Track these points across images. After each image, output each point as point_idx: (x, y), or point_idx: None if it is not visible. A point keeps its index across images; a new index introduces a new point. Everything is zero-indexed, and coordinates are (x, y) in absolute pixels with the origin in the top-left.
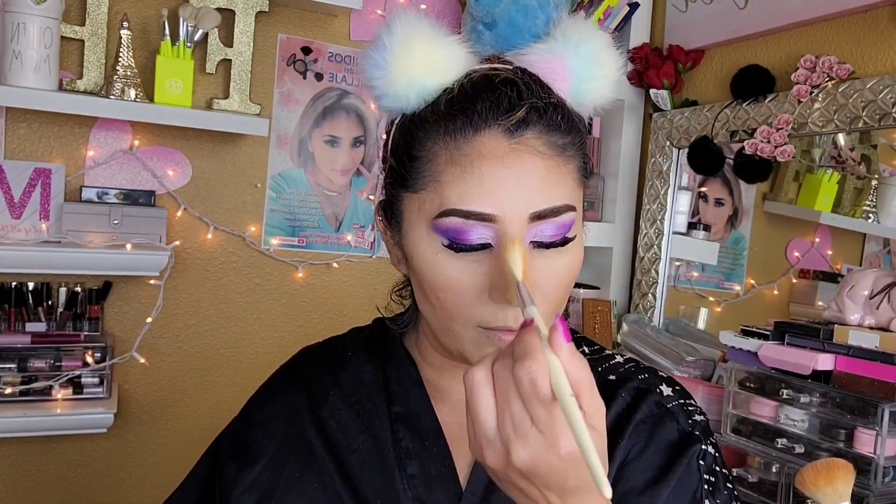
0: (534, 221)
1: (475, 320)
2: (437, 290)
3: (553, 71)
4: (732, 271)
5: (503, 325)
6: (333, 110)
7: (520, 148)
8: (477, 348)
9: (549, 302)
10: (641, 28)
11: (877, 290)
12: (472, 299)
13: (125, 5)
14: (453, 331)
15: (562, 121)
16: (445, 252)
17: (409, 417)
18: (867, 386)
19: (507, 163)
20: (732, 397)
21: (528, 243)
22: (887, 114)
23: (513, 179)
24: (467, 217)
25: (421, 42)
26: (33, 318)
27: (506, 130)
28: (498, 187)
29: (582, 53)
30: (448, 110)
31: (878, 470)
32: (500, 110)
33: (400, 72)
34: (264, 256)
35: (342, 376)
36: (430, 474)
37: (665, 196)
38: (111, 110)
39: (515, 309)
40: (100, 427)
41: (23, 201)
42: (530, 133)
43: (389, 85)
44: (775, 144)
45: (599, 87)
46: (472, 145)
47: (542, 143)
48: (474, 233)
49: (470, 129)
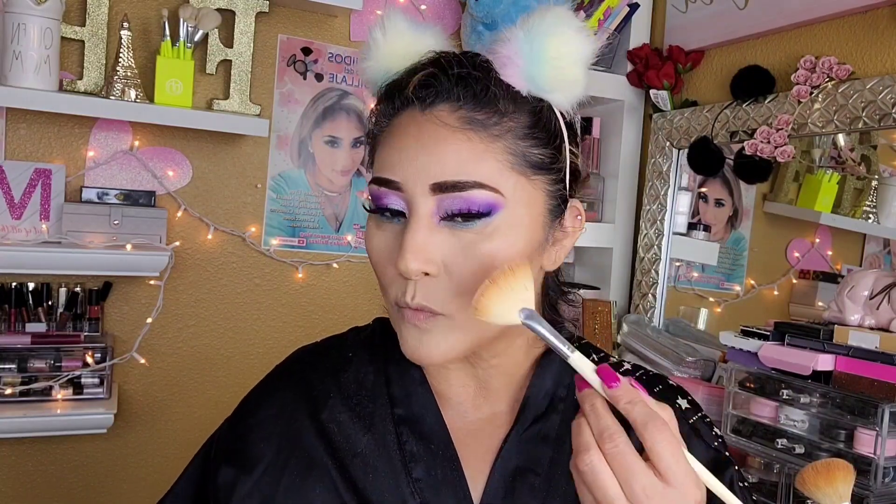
0: (437, 193)
1: (392, 295)
2: (371, 261)
3: (503, 54)
4: (732, 272)
5: (405, 301)
6: (333, 111)
7: (428, 118)
8: (397, 326)
9: (459, 288)
10: (641, 29)
11: (877, 290)
12: (389, 271)
13: (125, 6)
14: (388, 308)
15: (483, 95)
16: (374, 222)
17: (412, 420)
18: (867, 386)
19: (413, 132)
20: (732, 398)
21: (437, 219)
22: (887, 114)
23: (416, 148)
24: (380, 184)
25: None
26: (33, 318)
27: (420, 105)
28: (403, 156)
29: (532, 35)
30: (385, 92)
31: (878, 470)
32: (416, 84)
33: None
34: (264, 257)
35: (343, 378)
36: (436, 478)
37: (665, 196)
38: (111, 111)
39: (413, 286)
40: (100, 427)
41: (23, 202)
42: (443, 105)
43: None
44: (775, 145)
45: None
46: (394, 120)
47: (455, 117)
48: (386, 200)
49: (394, 108)
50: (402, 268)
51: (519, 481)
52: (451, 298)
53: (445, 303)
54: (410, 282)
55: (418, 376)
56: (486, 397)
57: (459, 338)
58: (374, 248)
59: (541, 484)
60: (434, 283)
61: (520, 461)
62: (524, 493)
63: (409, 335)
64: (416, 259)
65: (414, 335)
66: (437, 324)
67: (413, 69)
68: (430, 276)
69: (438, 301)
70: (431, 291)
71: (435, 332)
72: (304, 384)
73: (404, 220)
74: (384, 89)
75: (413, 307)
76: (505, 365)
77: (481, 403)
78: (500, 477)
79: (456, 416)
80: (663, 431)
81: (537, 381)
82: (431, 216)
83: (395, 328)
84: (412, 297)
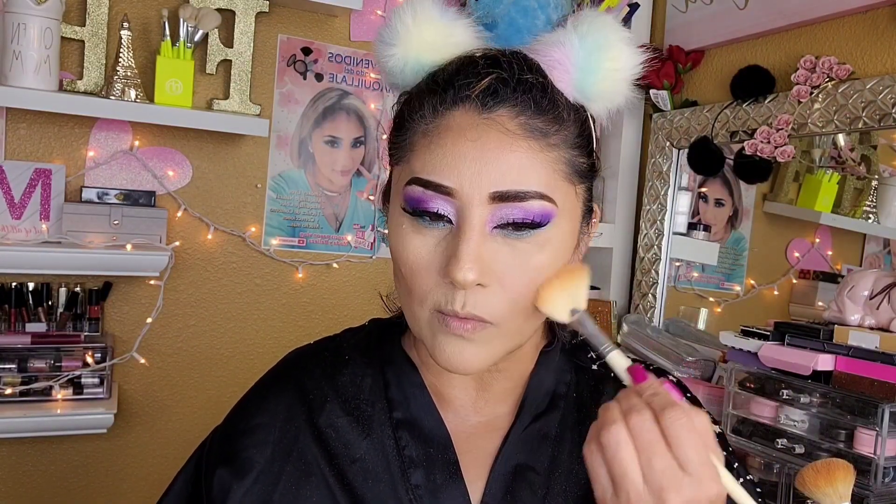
0: (495, 203)
1: (431, 302)
2: (400, 265)
3: (554, 59)
4: (732, 272)
5: (452, 309)
6: (333, 111)
7: (488, 123)
8: (431, 334)
9: (511, 299)
10: (641, 28)
11: (877, 290)
12: (429, 278)
13: (125, 6)
14: (414, 313)
15: (544, 103)
16: (410, 225)
17: (411, 423)
18: (867, 386)
19: (472, 136)
20: (732, 398)
21: (490, 228)
22: (887, 114)
23: (475, 154)
24: (426, 187)
25: (424, 21)
26: (33, 318)
27: (478, 106)
28: (459, 161)
29: (588, 43)
30: (427, 85)
31: (878, 470)
32: (473, 83)
33: (401, 49)
34: (264, 257)
35: (340, 381)
36: (435, 484)
37: (665, 196)
38: (111, 111)
39: (465, 295)
40: (100, 427)
41: (23, 202)
42: (503, 110)
43: (392, 62)
44: (775, 145)
45: (604, 82)
46: (444, 118)
47: (516, 123)
48: (433, 204)
49: (444, 103)
50: (458, 278)
51: (519, 480)
52: (503, 308)
53: (496, 312)
54: (460, 292)
55: (417, 380)
56: (488, 400)
57: (499, 347)
58: (411, 253)
59: (541, 482)
60: (486, 292)
61: (519, 459)
62: (524, 492)
63: (448, 344)
64: (472, 269)
65: (455, 344)
66: (483, 334)
67: (467, 65)
68: (482, 287)
69: (489, 310)
70: (483, 301)
71: (479, 342)
72: (298, 388)
73: (450, 226)
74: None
75: (462, 316)
76: (510, 369)
77: (482, 406)
78: (499, 476)
79: (456, 420)
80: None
81: (536, 380)
82: (485, 224)
83: (426, 335)
84: (462, 306)
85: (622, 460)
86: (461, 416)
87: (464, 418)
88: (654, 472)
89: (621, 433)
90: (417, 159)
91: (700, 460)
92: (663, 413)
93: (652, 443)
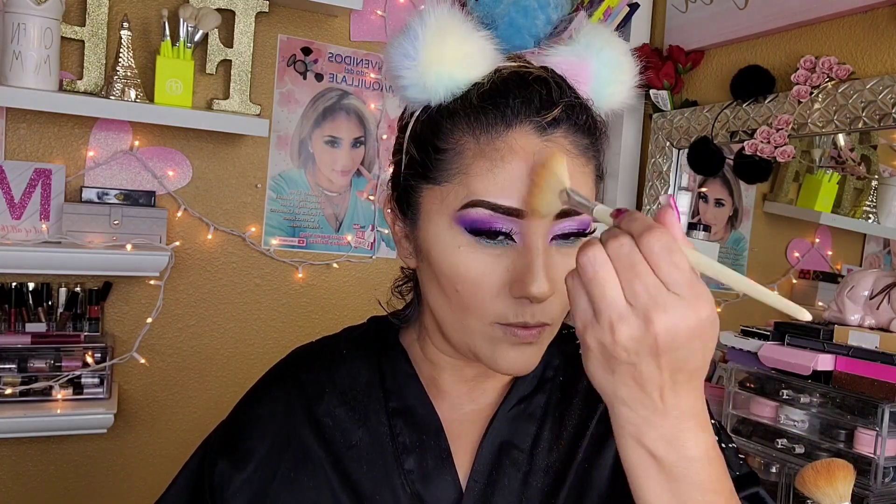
0: (558, 219)
1: (492, 316)
2: (455, 282)
3: (577, 73)
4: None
5: (521, 321)
6: (333, 111)
7: (550, 146)
8: (490, 345)
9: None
10: (641, 28)
11: (877, 290)
12: (492, 294)
13: (125, 6)
14: (467, 325)
15: (587, 122)
16: (468, 245)
17: (406, 412)
18: (867, 386)
19: (538, 159)
20: (732, 398)
21: (550, 240)
22: (887, 114)
23: None
24: (494, 210)
25: (453, 35)
26: (33, 318)
27: (537, 127)
28: (525, 184)
29: (604, 58)
30: (480, 104)
31: (878, 470)
32: (532, 107)
33: (430, 63)
34: (264, 257)
35: (337, 375)
36: (427, 469)
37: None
38: (111, 111)
39: (534, 306)
40: (100, 427)
41: (23, 202)
42: (560, 132)
43: (419, 76)
44: (775, 145)
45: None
46: (503, 140)
47: (570, 143)
48: (499, 226)
49: (502, 124)
50: (536, 294)
51: (503, 457)
52: (560, 311)
53: (556, 315)
54: (532, 306)
55: (411, 371)
56: (485, 391)
57: (548, 342)
58: (471, 272)
59: (524, 459)
60: (550, 300)
61: (503, 437)
62: (507, 468)
63: (513, 351)
64: (546, 283)
65: (521, 350)
66: (545, 335)
67: (518, 85)
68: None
69: (551, 315)
70: (548, 308)
71: (540, 344)
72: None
73: (511, 243)
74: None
75: (532, 325)
76: None
77: (478, 396)
78: (486, 455)
79: (450, 409)
80: (662, 238)
81: None
82: (548, 239)
83: (481, 345)
84: (533, 317)
85: (601, 280)
86: (456, 405)
87: (457, 407)
88: (635, 294)
89: (598, 253)
90: (478, 182)
91: (686, 280)
92: (642, 235)
93: (632, 264)
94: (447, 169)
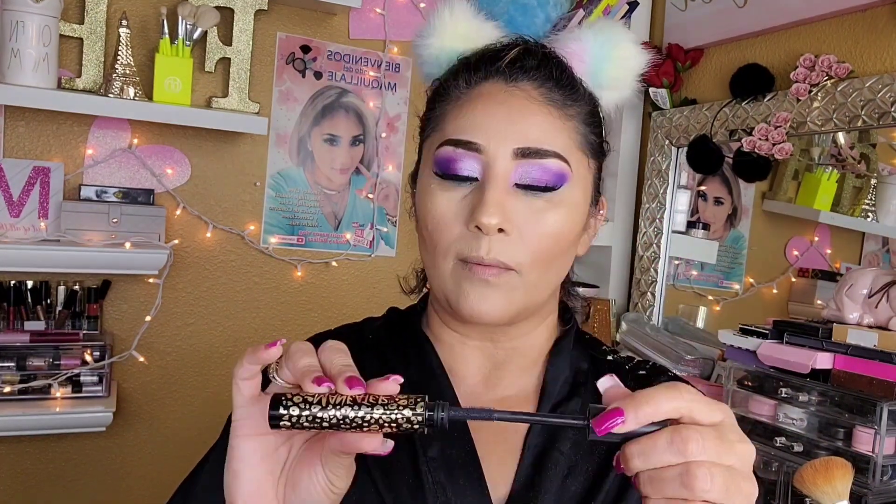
0: (518, 159)
1: (454, 251)
2: (427, 221)
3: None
4: (731, 270)
5: (476, 255)
6: (332, 109)
7: (515, 91)
8: (455, 285)
9: (532, 252)
10: (641, 27)
11: (875, 288)
12: (453, 229)
13: (124, 3)
14: (438, 267)
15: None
16: (437, 182)
17: None
18: (866, 385)
19: (500, 100)
20: (731, 396)
21: (512, 184)
22: (886, 112)
23: (502, 114)
24: (456, 146)
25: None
26: (32, 316)
27: (506, 77)
28: (488, 121)
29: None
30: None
31: (876, 468)
32: (500, 60)
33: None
34: (263, 255)
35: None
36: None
37: (664, 195)
38: (110, 109)
39: (488, 239)
40: (99, 426)
41: (21, 200)
42: (527, 82)
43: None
44: (773, 142)
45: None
46: (475, 89)
47: (538, 92)
48: (462, 163)
49: (475, 75)
50: (483, 221)
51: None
52: (523, 256)
53: (518, 259)
54: (484, 238)
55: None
56: (501, 378)
57: (519, 296)
58: (437, 208)
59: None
60: (507, 240)
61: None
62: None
63: (472, 291)
64: (496, 214)
65: (479, 291)
66: (506, 279)
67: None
68: (504, 234)
69: (511, 256)
70: (505, 247)
71: (500, 288)
72: None
73: (475, 184)
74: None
75: (487, 262)
76: (524, 347)
77: (495, 384)
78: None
79: (468, 396)
80: None
81: (553, 368)
82: (508, 179)
83: (449, 287)
84: (487, 252)
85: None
86: (474, 392)
87: (476, 396)
88: None
89: None
90: (449, 124)
91: None
92: None
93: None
94: (434, 120)
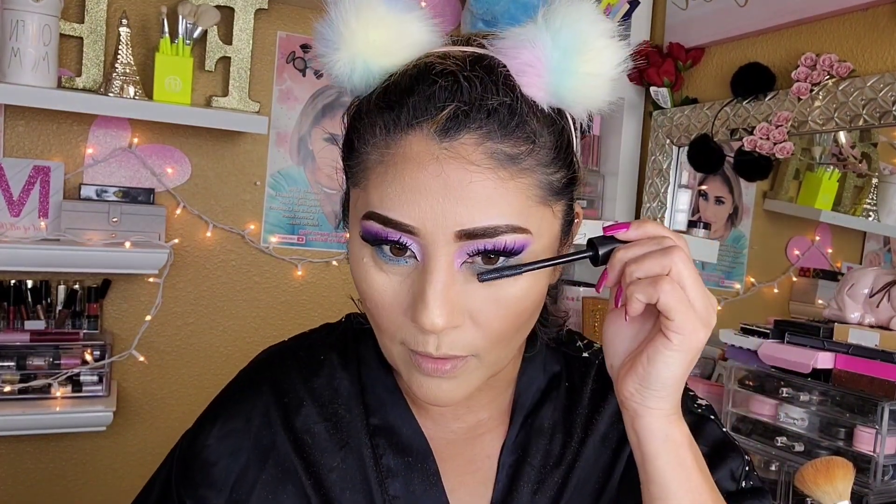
0: (462, 240)
1: (400, 338)
2: (363, 297)
3: (524, 62)
4: (732, 269)
5: (423, 350)
6: (333, 108)
7: (450, 154)
8: (406, 369)
9: (487, 334)
10: (642, 26)
11: (877, 288)
12: (395, 317)
13: (124, 3)
14: (384, 344)
15: (511, 124)
16: (371, 259)
17: (388, 430)
18: (867, 384)
19: (433, 170)
20: (732, 396)
21: (458, 264)
22: (887, 112)
23: (437, 189)
24: (385, 224)
25: (370, 21)
26: (32, 316)
27: (438, 132)
28: (420, 197)
29: (562, 42)
30: (379, 102)
31: (877, 468)
32: (433, 106)
33: (343, 50)
34: (263, 254)
35: (315, 384)
36: (414, 495)
37: (665, 194)
38: (110, 108)
39: (437, 336)
40: (99, 425)
41: (21, 199)
42: (466, 138)
43: (332, 64)
44: (774, 141)
45: (581, 87)
46: (400, 145)
47: (481, 152)
48: (395, 240)
49: (398, 127)
50: (427, 325)
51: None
52: (480, 340)
53: (474, 346)
54: (431, 336)
55: (392, 384)
56: (469, 407)
57: (479, 376)
58: (373, 290)
59: (534, 475)
60: (459, 331)
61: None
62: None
63: (426, 382)
64: (441, 315)
65: (434, 382)
66: (463, 367)
67: (422, 81)
68: (454, 327)
69: (465, 346)
70: (457, 340)
71: (457, 377)
72: (274, 390)
73: (414, 262)
74: (384, 99)
75: (437, 357)
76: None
77: (463, 413)
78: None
79: (435, 427)
80: None
81: (524, 381)
82: (452, 263)
83: (401, 368)
84: (437, 348)
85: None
86: (441, 423)
87: (444, 425)
88: None
89: None
90: (374, 190)
91: None
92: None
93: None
94: (358, 170)
